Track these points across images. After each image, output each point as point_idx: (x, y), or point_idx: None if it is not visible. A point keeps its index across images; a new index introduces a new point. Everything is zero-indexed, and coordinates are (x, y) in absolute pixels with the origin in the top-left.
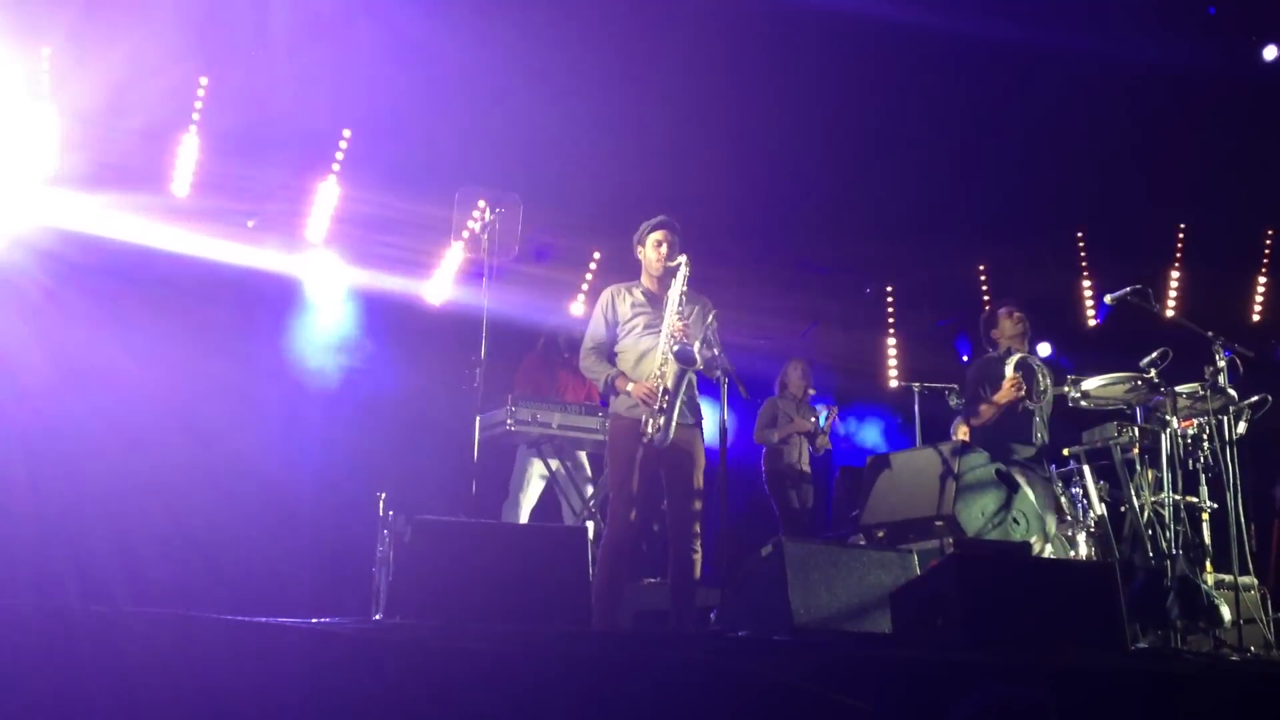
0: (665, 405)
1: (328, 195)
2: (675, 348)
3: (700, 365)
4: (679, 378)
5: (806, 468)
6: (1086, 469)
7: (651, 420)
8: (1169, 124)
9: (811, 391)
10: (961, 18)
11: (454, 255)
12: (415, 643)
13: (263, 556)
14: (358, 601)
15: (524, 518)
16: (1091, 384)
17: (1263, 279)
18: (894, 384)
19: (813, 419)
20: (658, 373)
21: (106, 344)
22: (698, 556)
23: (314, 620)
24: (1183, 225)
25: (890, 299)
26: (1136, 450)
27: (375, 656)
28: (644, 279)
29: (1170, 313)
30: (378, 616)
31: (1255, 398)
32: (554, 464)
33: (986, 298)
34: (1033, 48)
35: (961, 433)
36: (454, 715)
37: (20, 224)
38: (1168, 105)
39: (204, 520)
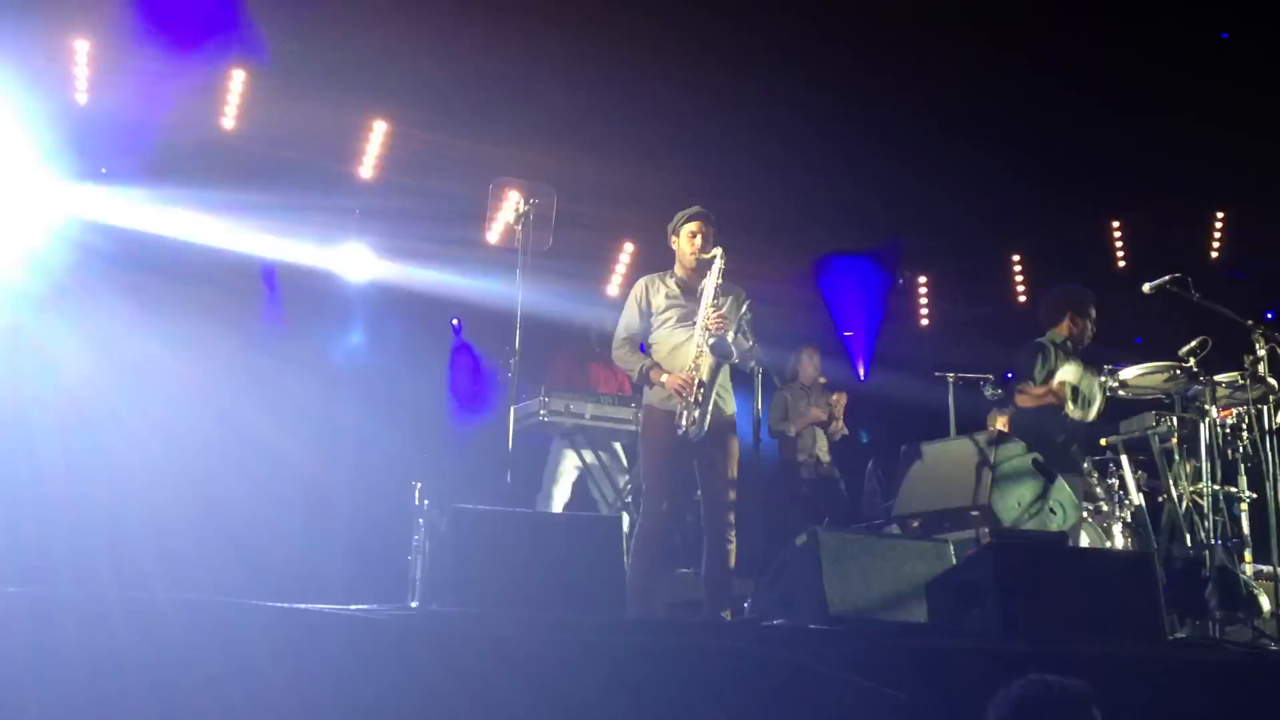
0: (700, 398)
1: (361, 187)
2: (711, 341)
3: (736, 359)
4: (714, 370)
5: (825, 457)
6: (1124, 459)
7: (687, 413)
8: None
9: (823, 380)
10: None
11: (488, 246)
12: (451, 630)
13: (299, 547)
14: (394, 590)
15: (557, 509)
16: (1129, 373)
17: None
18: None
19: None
20: (692, 365)
21: (142, 336)
22: (732, 546)
23: (352, 607)
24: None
25: (924, 289)
26: (1175, 440)
27: (412, 643)
28: (677, 269)
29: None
30: (414, 604)
31: None
32: (587, 455)
33: (1021, 287)
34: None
35: (999, 423)
36: (489, 701)
37: (59, 219)
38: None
39: (240, 511)
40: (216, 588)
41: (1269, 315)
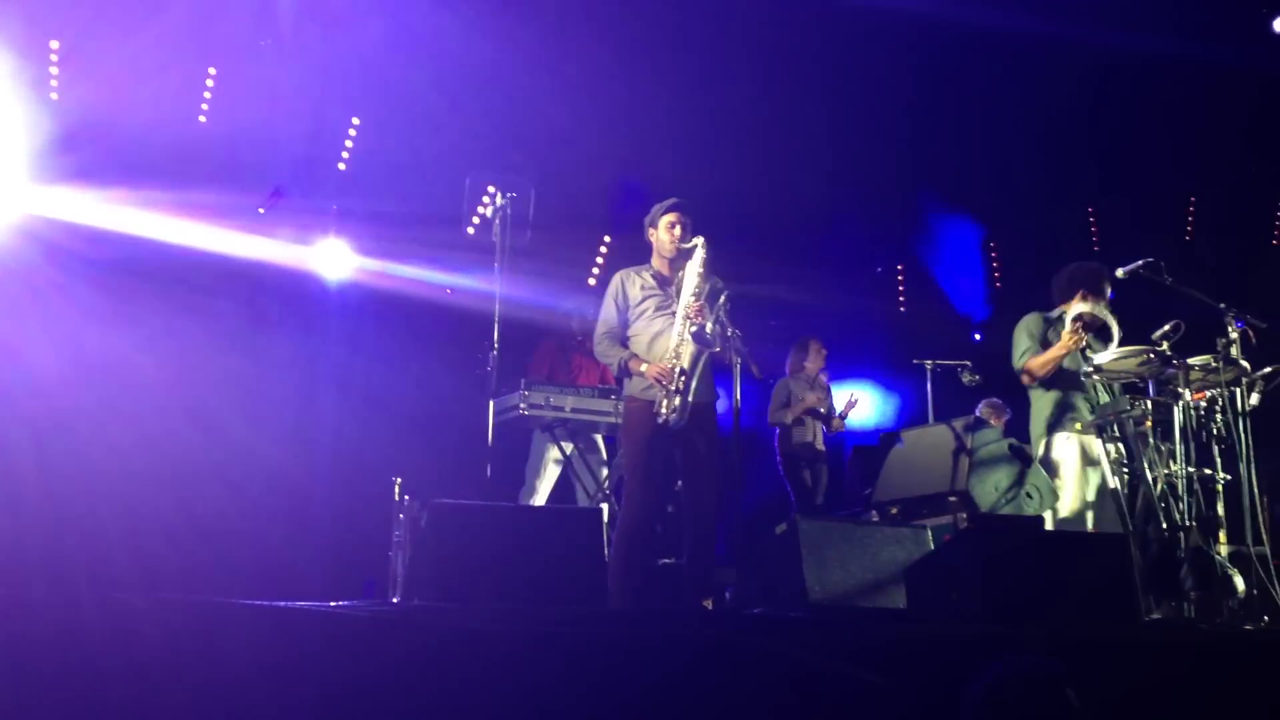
0: (681, 386)
1: (337, 184)
2: (693, 329)
3: (718, 348)
4: (695, 358)
5: (821, 447)
6: (1099, 441)
7: (667, 401)
8: (1180, 100)
9: (824, 376)
10: (969, 3)
11: (465, 241)
12: (432, 625)
13: (277, 545)
14: (374, 586)
15: (540, 502)
16: (1104, 357)
17: None
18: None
19: (829, 400)
20: (673, 353)
21: (116, 337)
22: (713, 535)
23: (332, 604)
24: (1193, 200)
25: (901, 278)
26: (1149, 423)
27: (393, 639)
28: (654, 261)
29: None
30: (395, 600)
31: (1268, 369)
32: (568, 447)
33: (998, 274)
34: (1041, 33)
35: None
36: (471, 695)
37: (30, 218)
38: (1178, 83)
39: (216, 511)
40: (194, 586)
41: (1240, 325)
